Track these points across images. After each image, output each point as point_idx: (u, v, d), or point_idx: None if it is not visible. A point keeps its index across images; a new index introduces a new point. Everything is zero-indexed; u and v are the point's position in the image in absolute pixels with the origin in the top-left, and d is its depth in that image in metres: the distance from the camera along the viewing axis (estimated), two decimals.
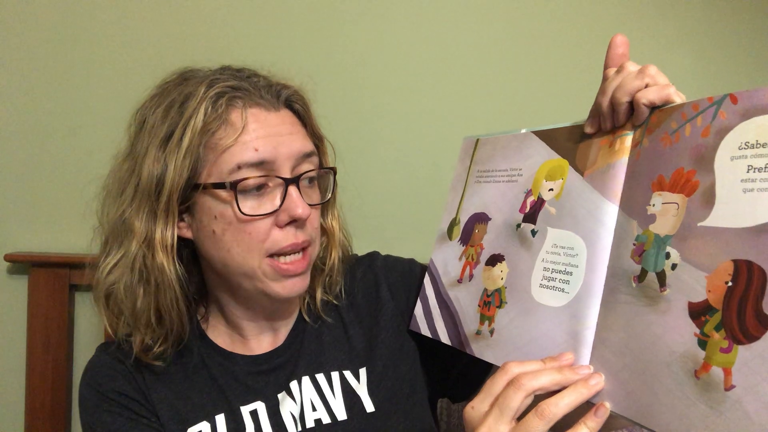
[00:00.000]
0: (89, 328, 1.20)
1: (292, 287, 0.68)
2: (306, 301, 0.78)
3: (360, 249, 0.87)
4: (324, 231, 0.77)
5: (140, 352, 0.70)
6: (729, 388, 0.42)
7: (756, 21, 1.28)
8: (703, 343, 0.45)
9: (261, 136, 0.65)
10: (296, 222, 0.66)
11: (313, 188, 0.71)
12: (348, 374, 0.74)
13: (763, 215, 0.43)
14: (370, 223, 1.19)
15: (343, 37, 1.22)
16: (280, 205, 0.65)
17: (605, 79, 0.58)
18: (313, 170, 0.69)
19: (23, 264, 1.17)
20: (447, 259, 0.73)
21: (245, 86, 0.67)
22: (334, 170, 0.74)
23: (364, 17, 1.23)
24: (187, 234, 0.69)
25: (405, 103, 1.25)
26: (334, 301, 0.78)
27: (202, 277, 0.75)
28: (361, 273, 0.82)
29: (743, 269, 0.43)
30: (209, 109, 0.64)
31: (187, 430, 0.69)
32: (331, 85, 1.22)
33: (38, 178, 1.18)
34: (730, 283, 0.44)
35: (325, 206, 0.76)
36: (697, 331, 0.45)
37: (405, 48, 1.24)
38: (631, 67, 0.56)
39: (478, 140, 0.75)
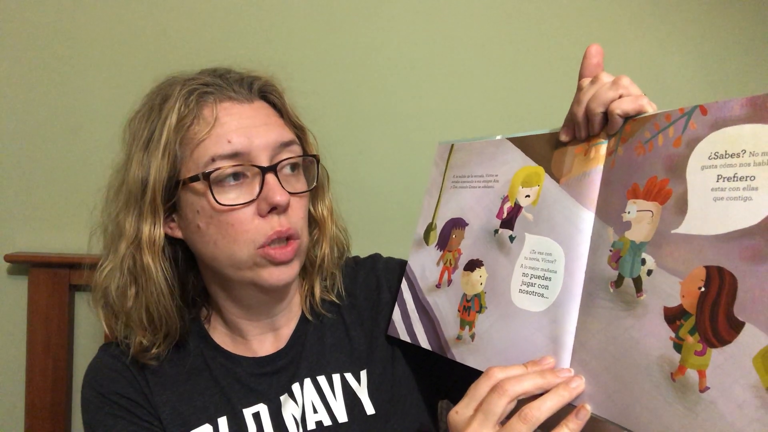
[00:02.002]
0: (89, 328, 1.21)
1: (279, 275, 0.68)
2: (307, 299, 0.79)
3: (360, 249, 0.88)
4: (315, 222, 0.78)
5: (138, 353, 0.72)
6: (704, 389, 0.44)
7: (755, 21, 1.32)
8: (678, 347, 0.47)
9: (234, 128, 0.66)
10: (276, 209, 0.67)
11: (297, 177, 0.72)
12: (349, 376, 0.75)
13: (733, 223, 0.45)
14: (369, 223, 1.20)
15: (343, 37, 1.24)
16: (259, 194, 0.66)
17: (580, 89, 0.60)
18: (292, 157, 0.70)
19: (23, 264, 1.19)
20: (424, 264, 0.74)
21: (217, 82, 0.70)
22: (316, 158, 0.75)
23: (363, 17, 1.24)
24: (178, 234, 0.71)
25: (405, 102, 1.26)
26: (336, 300, 0.79)
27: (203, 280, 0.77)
28: (364, 275, 0.83)
29: (715, 275, 0.45)
30: (182, 106, 0.67)
31: None
32: (332, 85, 1.23)
33: (38, 178, 1.19)
34: (702, 289, 0.46)
35: (314, 196, 0.77)
36: (673, 335, 0.47)
37: (405, 48, 1.26)
38: (605, 77, 0.58)
39: (452, 145, 0.76)
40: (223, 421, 0.71)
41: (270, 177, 0.66)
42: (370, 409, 0.73)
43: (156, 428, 0.71)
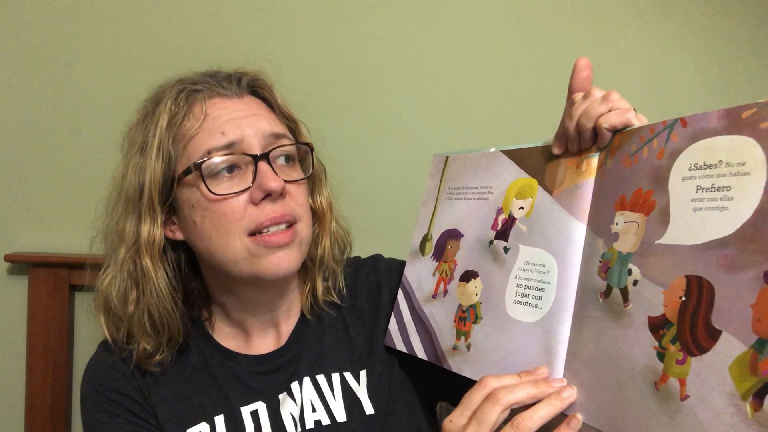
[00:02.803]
0: (89, 328, 1.21)
1: (279, 262, 0.68)
2: (308, 298, 0.79)
3: (361, 249, 0.88)
4: (315, 215, 0.78)
5: (142, 360, 0.73)
6: (684, 398, 0.45)
7: (756, 21, 1.31)
8: (661, 356, 0.48)
9: (225, 120, 0.68)
10: (271, 196, 0.67)
11: (293, 167, 0.73)
12: (348, 376, 0.76)
13: (711, 233, 0.46)
14: (370, 223, 1.21)
15: (345, 37, 1.25)
16: (252, 182, 0.67)
17: (572, 103, 0.61)
18: (285, 145, 0.71)
19: (23, 264, 1.19)
20: (420, 275, 0.75)
21: (206, 80, 0.72)
22: (310, 146, 0.75)
23: (365, 17, 1.26)
24: (179, 236, 0.72)
25: (405, 103, 1.27)
26: (337, 301, 0.80)
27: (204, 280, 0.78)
28: (365, 275, 0.83)
29: (694, 284, 0.46)
30: (172, 106, 0.69)
31: (185, 431, 0.71)
32: (333, 85, 1.24)
33: (38, 178, 1.20)
34: (683, 298, 0.47)
35: (313, 187, 0.78)
36: (656, 344, 0.48)
37: (408, 48, 1.27)
38: (597, 93, 0.59)
39: (447, 157, 0.78)
40: (220, 420, 0.72)
41: (263, 164, 0.67)
42: (369, 409, 0.74)
43: (153, 427, 0.72)
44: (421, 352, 0.71)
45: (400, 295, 0.77)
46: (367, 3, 1.25)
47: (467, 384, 0.76)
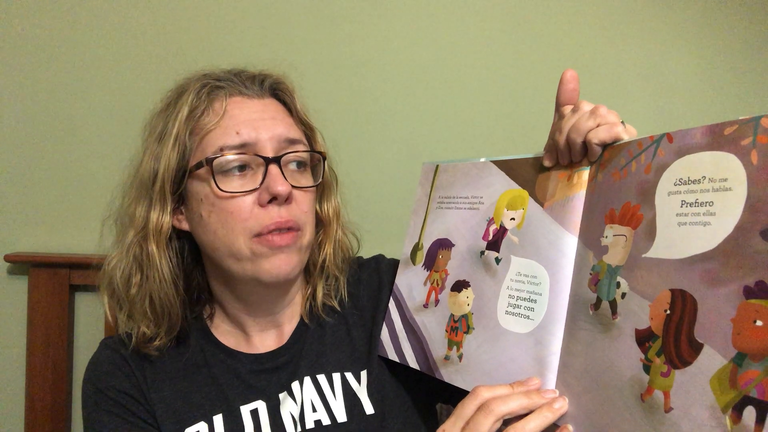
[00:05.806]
0: (89, 328, 1.23)
1: (280, 264, 0.70)
2: (308, 302, 0.81)
3: (363, 249, 0.90)
4: (321, 222, 0.80)
5: (141, 343, 0.74)
6: (668, 410, 0.46)
7: (756, 21, 1.33)
8: (647, 368, 0.49)
9: (242, 120, 0.70)
10: (277, 200, 0.69)
11: (303, 174, 0.75)
12: (349, 376, 0.77)
13: (694, 247, 0.47)
14: (372, 224, 1.21)
15: (346, 38, 1.27)
16: (261, 183, 0.69)
17: (561, 117, 0.63)
18: (297, 151, 0.73)
19: (23, 264, 1.21)
20: (411, 284, 0.77)
21: (229, 78, 0.74)
22: (323, 155, 0.77)
23: (366, 17, 1.27)
24: (185, 226, 0.75)
25: (407, 103, 1.29)
26: (338, 308, 0.81)
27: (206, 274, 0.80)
28: (367, 276, 0.85)
29: (678, 298, 0.48)
30: (194, 99, 0.72)
31: (184, 430, 0.72)
32: (335, 85, 1.26)
33: (38, 178, 1.22)
34: (668, 311, 0.48)
35: (321, 195, 0.80)
36: (642, 356, 0.50)
37: (409, 47, 1.29)
38: (585, 107, 0.61)
39: (438, 166, 0.79)
40: (218, 419, 0.73)
41: (273, 167, 0.69)
42: (369, 409, 0.75)
43: (151, 427, 0.73)
44: (413, 362, 0.73)
45: (392, 304, 0.79)
46: (375, 7, 1.27)
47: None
